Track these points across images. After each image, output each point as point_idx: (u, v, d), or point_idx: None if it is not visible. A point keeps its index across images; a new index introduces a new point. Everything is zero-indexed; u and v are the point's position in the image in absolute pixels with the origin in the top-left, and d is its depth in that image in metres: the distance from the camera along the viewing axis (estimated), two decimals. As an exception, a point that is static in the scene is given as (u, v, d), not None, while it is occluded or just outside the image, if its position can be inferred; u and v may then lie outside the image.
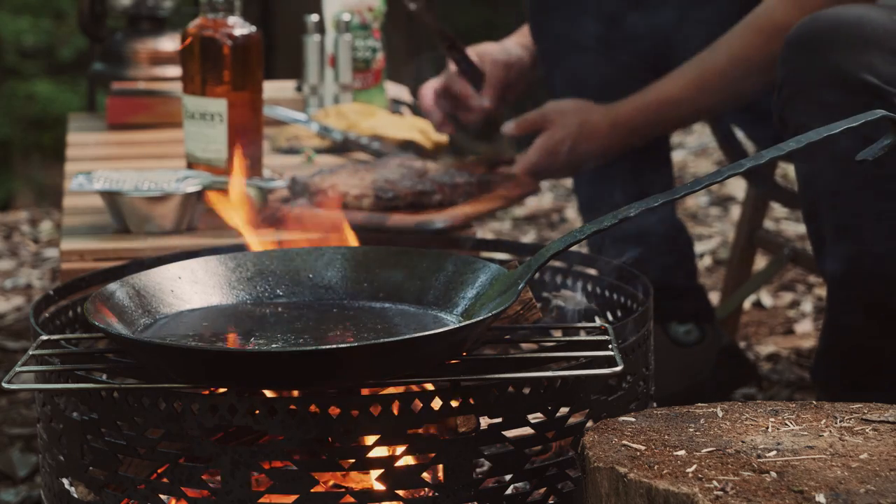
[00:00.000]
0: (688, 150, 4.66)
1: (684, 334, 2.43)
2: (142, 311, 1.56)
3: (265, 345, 1.50)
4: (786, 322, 3.00)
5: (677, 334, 2.43)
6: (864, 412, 1.43)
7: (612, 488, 1.31)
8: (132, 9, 3.11)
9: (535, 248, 1.85)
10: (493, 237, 3.70)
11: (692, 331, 2.43)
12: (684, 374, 2.41)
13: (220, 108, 2.18)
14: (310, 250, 1.67)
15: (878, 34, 1.73)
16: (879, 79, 1.71)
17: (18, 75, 6.53)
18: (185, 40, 2.19)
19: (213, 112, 2.18)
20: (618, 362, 1.42)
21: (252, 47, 2.19)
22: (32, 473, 2.39)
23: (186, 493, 1.43)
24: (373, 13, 2.79)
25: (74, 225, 2.16)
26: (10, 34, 6.50)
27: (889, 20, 1.75)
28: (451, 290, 1.59)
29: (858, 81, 1.71)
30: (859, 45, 1.72)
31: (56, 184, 5.11)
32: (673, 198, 1.48)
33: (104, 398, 1.46)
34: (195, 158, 2.21)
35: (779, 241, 2.69)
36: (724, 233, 3.68)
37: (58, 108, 6.18)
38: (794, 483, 1.26)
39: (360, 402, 1.41)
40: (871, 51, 1.72)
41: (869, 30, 1.73)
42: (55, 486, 1.55)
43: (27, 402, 2.68)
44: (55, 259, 3.80)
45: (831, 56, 1.74)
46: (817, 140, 1.47)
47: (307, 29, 2.79)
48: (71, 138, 2.79)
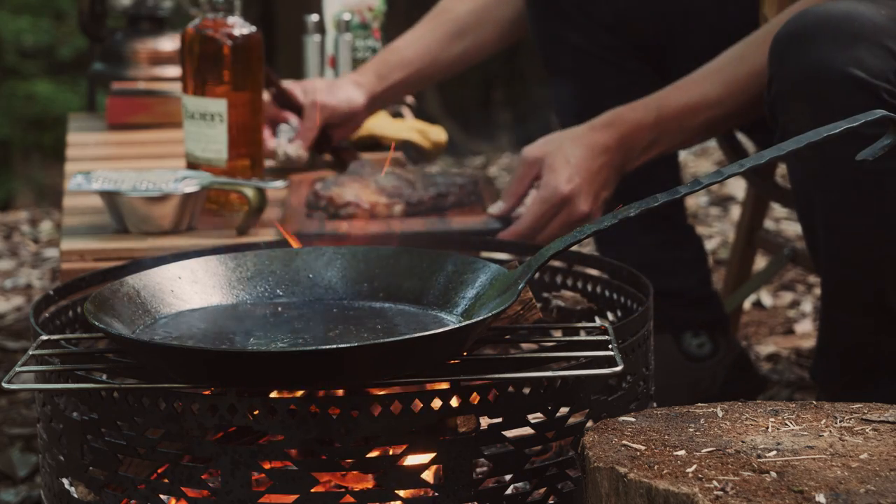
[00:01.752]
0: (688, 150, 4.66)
1: (697, 347, 2.39)
2: (142, 311, 1.56)
3: (265, 345, 1.50)
4: (786, 322, 2.99)
5: (690, 347, 2.39)
6: (864, 412, 1.43)
7: (612, 488, 1.31)
8: (132, 9, 3.11)
9: (535, 248, 1.85)
10: (493, 237, 3.70)
11: (705, 343, 2.39)
12: (693, 388, 2.39)
13: (220, 109, 2.17)
14: (310, 250, 1.67)
15: (866, 28, 1.73)
16: (868, 73, 1.71)
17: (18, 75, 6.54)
18: (184, 40, 2.19)
19: (213, 112, 2.18)
20: (618, 362, 1.42)
21: (252, 47, 2.19)
22: (32, 473, 2.39)
23: (186, 493, 1.43)
24: (373, 13, 2.79)
25: (74, 225, 2.16)
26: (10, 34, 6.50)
27: (877, 14, 1.75)
28: (451, 290, 1.59)
29: (847, 76, 1.72)
30: (847, 39, 1.73)
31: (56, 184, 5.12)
32: (673, 198, 1.48)
33: (104, 398, 1.46)
34: (195, 158, 2.21)
35: (779, 241, 2.69)
36: (724, 233, 3.68)
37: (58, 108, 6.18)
38: (794, 483, 1.26)
39: (360, 402, 1.41)
40: (858, 45, 1.72)
41: (857, 24, 1.73)
42: (55, 486, 1.55)
43: (27, 402, 2.68)
44: (55, 259, 3.80)
45: (819, 51, 1.74)
46: (817, 140, 1.47)
47: (307, 29, 2.79)
48: (71, 138, 2.79)
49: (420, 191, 2.15)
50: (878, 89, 1.71)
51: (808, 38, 1.75)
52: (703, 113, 2.03)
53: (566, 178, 2.00)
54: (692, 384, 2.38)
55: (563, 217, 2.02)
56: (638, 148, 2.05)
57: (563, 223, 2.02)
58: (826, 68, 1.73)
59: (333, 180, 2.16)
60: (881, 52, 1.72)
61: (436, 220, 2.11)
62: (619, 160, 2.04)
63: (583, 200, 2.01)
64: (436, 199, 2.15)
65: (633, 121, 2.04)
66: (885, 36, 1.73)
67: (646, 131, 2.04)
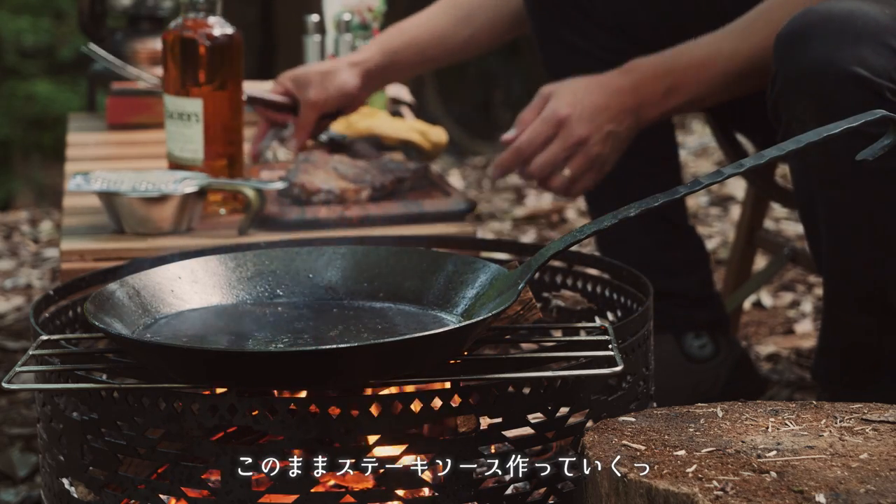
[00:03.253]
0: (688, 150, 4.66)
1: (699, 349, 2.39)
2: (142, 311, 1.56)
3: (265, 345, 1.50)
4: (786, 322, 2.99)
5: (691, 349, 2.38)
6: (864, 412, 1.43)
7: (612, 488, 1.31)
8: (132, 9, 3.11)
9: (535, 248, 1.85)
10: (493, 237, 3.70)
11: (707, 345, 2.38)
12: (694, 390, 2.39)
13: (196, 108, 2.18)
14: (310, 250, 1.67)
15: (870, 27, 1.73)
16: (870, 71, 1.71)
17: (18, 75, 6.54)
18: (166, 40, 2.20)
19: (190, 112, 2.18)
20: (618, 362, 1.42)
21: (231, 48, 2.19)
22: (32, 473, 2.39)
23: (186, 493, 1.43)
24: (373, 13, 2.79)
25: (74, 225, 2.16)
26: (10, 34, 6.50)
27: (880, 13, 1.75)
28: (451, 290, 1.59)
29: (849, 74, 1.72)
30: (850, 38, 1.73)
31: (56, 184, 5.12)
32: (673, 197, 1.48)
33: (104, 398, 1.46)
34: (174, 158, 2.22)
35: (779, 241, 2.69)
36: (724, 233, 3.68)
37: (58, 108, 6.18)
38: (794, 483, 1.26)
39: (360, 402, 1.41)
40: (861, 44, 1.72)
41: (860, 23, 1.74)
42: (55, 486, 1.55)
43: (27, 402, 2.68)
44: (55, 259, 3.80)
45: (822, 49, 1.74)
46: (817, 140, 1.47)
47: (307, 29, 2.79)
48: (71, 138, 2.79)
49: (379, 176, 2.18)
50: (881, 87, 1.71)
51: (810, 36, 1.76)
52: (718, 65, 2.04)
53: (568, 102, 2.05)
54: (693, 385, 2.38)
55: (560, 141, 2.05)
56: (653, 94, 2.06)
57: (561, 148, 2.04)
58: (829, 66, 1.73)
59: (296, 168, 2.20)
60: (884, 51, 1.72)
61: (409, 203, 2.15)
62: (631, 103, 2.06)
63: (580, 124, 2.04)
64: (396, 184, 2.20)
65: (648, 67, 2.07)
66: (888, 34, 1.73)
67: (660, 78, 2.06)
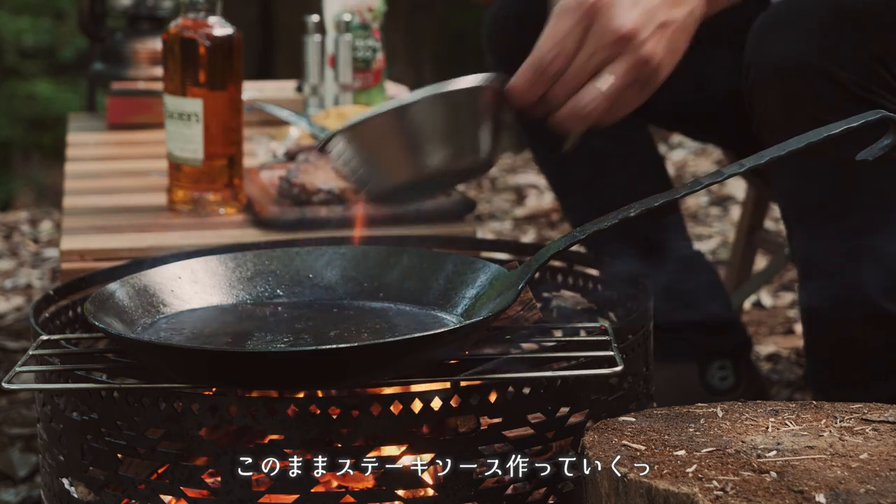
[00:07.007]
0: (688, 150, 4.66)
1: (720, 381, 2.36)
2: (142, 311, 1.56)
3: (265, 345, 1.50)
4: (786, 322, 3.00)
5: (713, 380, 2.35)
6: (864, 412, 1.43)
7: (612, 488, 1.31)
8: (132, 9, 3.11)
9: (535, 248, 1.85)
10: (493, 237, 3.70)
11: (728, 377, 2.36)
12: None
13: (196, 108, 2.18)
14: (310, 250, 1.67)
15: (838, 17, 1.75)
16: (834, 63, 1.72)
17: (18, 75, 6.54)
18: (166, 40, 2.20)
19: (190, 112, 2.18)
20: (618, 362, 1.42)
21: (231, 48, 2.19)
22: (32, 473, 2.39)
23: (186, 493, 1.43)
24: (373, 13, 2.79)
25: (74, 225, 2.16)
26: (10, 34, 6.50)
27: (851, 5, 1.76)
28: (451, 290, 1.59)
29: (812, 66, 1.73)
30: (817, 29, 1.74)
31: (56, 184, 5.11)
32: (673, 198, 1.48)
33: (104, 398, 1.46)
34: (174, 158, 2.22)
35: (779, 241, 2.69)
36: (724, 233, 3.68)
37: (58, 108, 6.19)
38: (794, 483, 1.26)
39: (360, 402, 1.41)
40: (828, 35, 1.74)
41: (828, 14, 1.75)
42: (55, 486, 1.55)
43: (27, 402, 2.68)
44: (55, 259, 3.81)
45: (789, 41, 1.75)
46: (817, 140, 1.47)
47: (307, 29, 2.79)
48: (71, 138, 2.79)
49: None
50: (844, 80, 1.71)
51: (780, 27, 1.77)
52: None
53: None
54: None
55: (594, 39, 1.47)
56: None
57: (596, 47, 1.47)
58: (794, 58, 1.74)
59: (295, 168, 2.20)
60: (851, 43, 1.73)
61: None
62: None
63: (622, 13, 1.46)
64: None
65: None
66: (857, 26, 1.74)
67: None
